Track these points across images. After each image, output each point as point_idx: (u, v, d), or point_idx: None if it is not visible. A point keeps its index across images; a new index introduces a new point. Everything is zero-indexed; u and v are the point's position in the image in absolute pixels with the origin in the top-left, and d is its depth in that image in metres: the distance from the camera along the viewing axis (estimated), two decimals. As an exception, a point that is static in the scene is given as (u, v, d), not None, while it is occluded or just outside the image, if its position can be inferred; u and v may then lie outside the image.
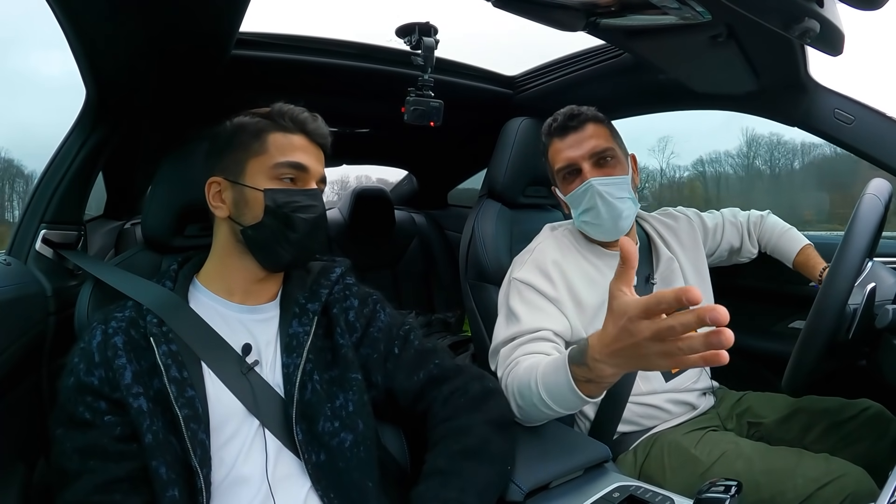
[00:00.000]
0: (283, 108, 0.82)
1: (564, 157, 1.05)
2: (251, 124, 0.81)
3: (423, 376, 0.84)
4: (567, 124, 1.05)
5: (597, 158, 1.03)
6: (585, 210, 1.04)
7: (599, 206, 1.01)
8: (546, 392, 0.78)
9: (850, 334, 0.83)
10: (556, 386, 0.75)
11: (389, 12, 1.23)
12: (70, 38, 0.84)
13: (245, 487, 0.71)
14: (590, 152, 1.03)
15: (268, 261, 0.81)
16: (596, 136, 1.04)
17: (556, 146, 1.07)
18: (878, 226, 0.87)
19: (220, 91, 1.14)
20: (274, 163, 0.79)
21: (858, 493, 0.79)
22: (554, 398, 0.77)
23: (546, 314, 0.98)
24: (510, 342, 0.96)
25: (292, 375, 0.76)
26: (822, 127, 1.18)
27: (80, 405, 0.69)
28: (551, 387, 0.76)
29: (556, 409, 0.78)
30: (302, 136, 0.81)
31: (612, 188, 1.01)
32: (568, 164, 1.05)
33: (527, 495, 0.75)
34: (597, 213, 1.02)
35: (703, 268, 1.18)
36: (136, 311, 0.77)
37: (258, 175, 0.79)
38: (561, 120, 1.07)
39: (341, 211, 2.20)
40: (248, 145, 0.80)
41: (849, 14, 0.73)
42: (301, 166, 0.79)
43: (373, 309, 0.89)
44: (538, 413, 0.82)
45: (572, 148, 1.04)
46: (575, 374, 0.72)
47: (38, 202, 1.00)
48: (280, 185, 0.78)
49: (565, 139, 1.06)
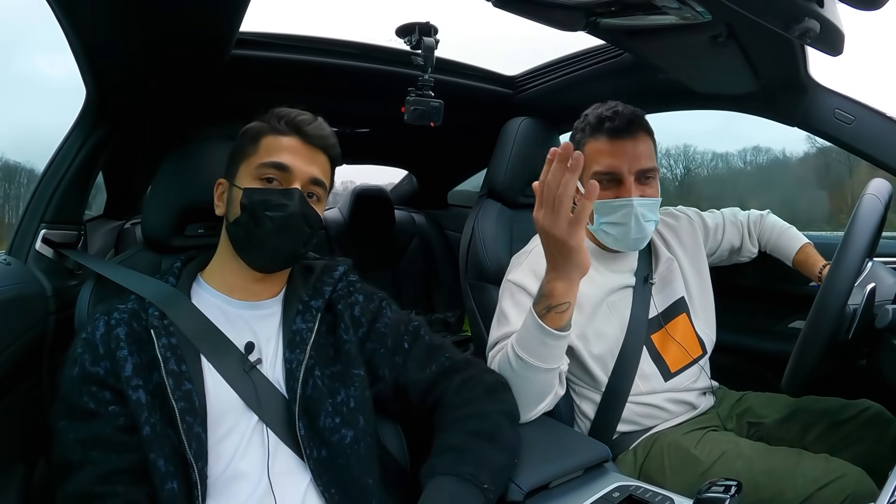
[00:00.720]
0: (282, 111, 0.82)
1: (609, 163, 0.99)
2: (252, 128, 0.83)
3: (436, 368, 0.84)
4: (625, 128, 0.98)
5: (642, 177, 0.99)
6: (614, 224, 1.01)
7: (631, 226, 0.99)
8: (519, 345, 0.83)
9: (850, 334, 0.83)
10: (525, 332, 0.82)
11: (390, 12, 1.23)
12: (70, 38, 0.84)
13: (243, 483, 0.71)
14: (638, 167, 0.98)
15: (246, 258, 0.81)
16: (646, 152, 1.00)
17: (602, 146, 1.00)
18: (878, 226, 0.87)
19: (220, 91, 1.14)
20: (258, 163, 0.79)
21: (858, 494, 0.79)
22: (525, 347, 0.82)
23: None
24: (497, 343, 0.96)
25: (295, 371, 0.76)
26: (822, 127, 1.18)
27: (84, 395, 0.69)
28: (522, 338, 0.83)
29: (530, 360, 0.82)
30: (295, 137, 0.81)
31: (647, 210, 0.99)
32: (610, 172, 0.99)
33: (527, 495, 0.75)
34: (625, 231, 1.00)
35: (703, 268, 1.18)
36: (138, 304, 0.77)
37: (245, 175, 0.80)
38: (619, 122, 0.99)
39: (341, 211, 2.20)
40: (245, 148, 0.82)
41: (849, 14, 0.74)
42: (282, 166, 0.79)
43: (378, 305, 0.89)
44: (518, 380, 0.85)
45: (622, 157, 0.98)
46: (537, 311, 0.80)
47: (38, 202, 1.00)
48: (259, 185, 0.79)
49: (615, 143, 0.98)
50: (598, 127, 1.01)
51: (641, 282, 1.09)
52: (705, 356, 1.12)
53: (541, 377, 0.83)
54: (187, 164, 0.93)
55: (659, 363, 1.06)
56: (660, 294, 1.11)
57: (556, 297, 0.78)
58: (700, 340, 1.11)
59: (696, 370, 1.09)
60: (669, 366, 1.06)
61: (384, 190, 2.25)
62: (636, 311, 1.06)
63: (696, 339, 1.11)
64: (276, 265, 0.83)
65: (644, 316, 1.07)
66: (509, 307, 0.99)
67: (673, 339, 1.08)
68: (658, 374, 1.05)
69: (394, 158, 2.32)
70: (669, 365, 1.06)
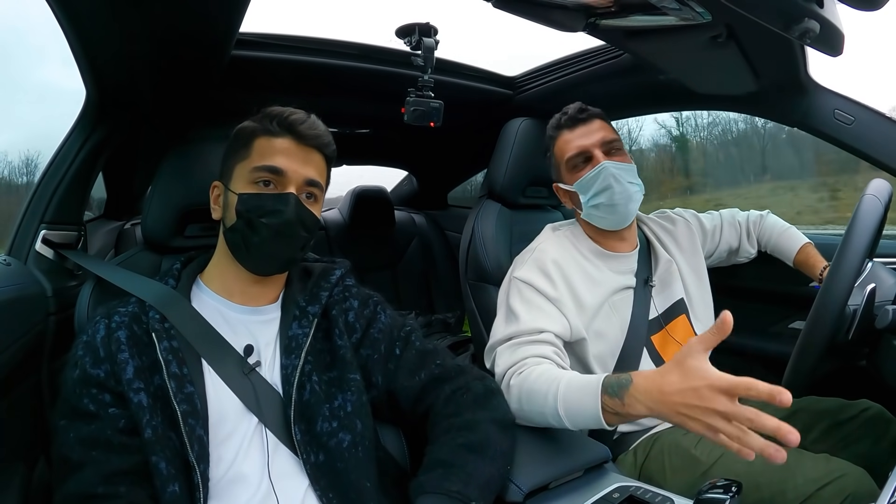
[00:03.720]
0: (273, 111, 0.81)
1: (576, 145, 1.08)
2: (244, 129, 0.82)
3: (425, 376, 0.84)
4: (577, 116, 1.10)
5: (607, 147, 1.07)
6: (598, 192, 1.05)
7: (614, 186, 1.04)
8: (565, 409, 0.79)
9: (850, 335, 0.83)
10: (580, 408, 0.77)
11: (389, 13, 1.23)
12: (70, 38, 0.84)
13: (244, 485, 0.71)
14: (601, 140, 1.07)
15: (244, 263, 0.81)
16: (604, 129, 1.09)
17: (566, 137, 1.10)
18: (878, 226, 0.87)
19: (220, 91, 1.14)
20: (252, 167, 0.78)
21: (858, 494, 0.79)
22: (571, 417, 0.79)
23: (546, 314, 0.98)
24: (508, 341, 0.96)
25: (290, 376, 0.77)
26: (822, 127, 1.18)
27: (84, 397, 0.69)
28: (573, 406, 0.78)
29: (567, 424, 0.80)
30: (289, 138, 0.80)
31: (623, 172, 1.05)
32: (580, 152, 1.07)
33: (526, 495, 0.75)
34: (611, 194, 1.04)
35: (701, 270, 1.18)
36: (139, 306, 0.77)
37: (239, 179, 0.79)
38: (571, 112, 1.11)
39: (341, 211, 2.20)
40: (238, 150, 0.81)
41: (849, 14, 0.74)
42: (276, 170, 0.77)
43: (373, 310, 0.89)
44: (541, 419, 0.83)
45: (583, 137, 1.08)
46: (604, 403, 0.74)
47: (38, 202, 1.00)
48: (254, 190, 0.78)
49: (575, 130, 1.09)
50: (557, 125, 1.13)
51: (642, 283, 1.09)
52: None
53: (567, 428, 0.82)
54: (187, 165, 0.93)
55: (659, 364, 1.06)
56: (659, 296, 1.11)
57: (631, 416, 0.74)
58: (700, 341, 1.11)
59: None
60: (670, 366, 1.06)
61: (384, 190, 2.26)
62: (637, 312, 1.06)
63: None
64: (273, 269, 0.83)
65: (645, 317, 1.07)
66: (518, 305, 1.00)
67: (674, 339, 1.08)
68: (658, 374, 1.05)
69: (394, 159, 2.32)
70: (670, 366, 1.06)
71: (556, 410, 0.79)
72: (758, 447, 0.59)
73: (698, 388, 0.64)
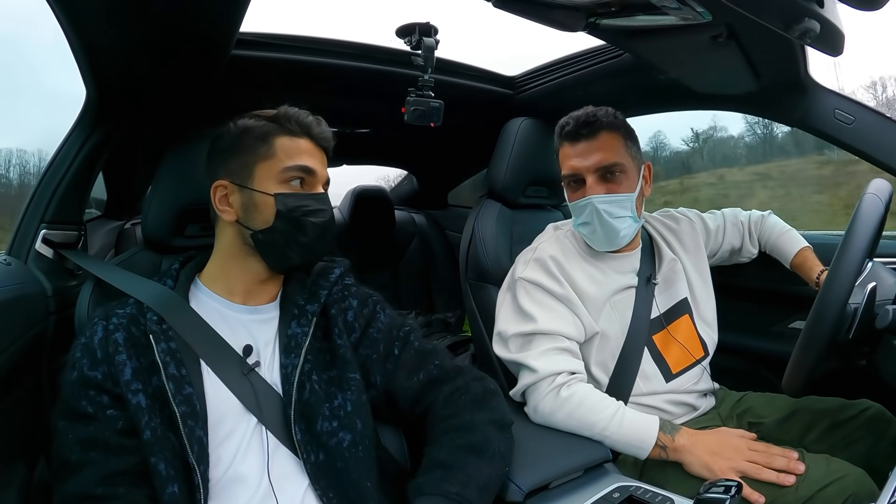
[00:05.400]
0: (290, 111, 0.82)
1: (570, 165, 1.04)
2: (257, 127, 0.81)
3: (424, 377, 0.84)
4: (579, 131, 1.02)
5: (602, 172, 1.01)
6: (583, 223, 1.05)
7: (596, 224, 1.02)
8: (617, 435, 0.89)
9: (850, 334, 0.83)
10: (634, 439, 0.89)
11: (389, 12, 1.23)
12: (70, 38, 0.84)
13: (244, 485, 0.71)
14: (595, 165, 1.01)
15: (277, 263, 0.82)
16: (606, 148, 1.01)
17: (566, 151, 1.05)
18: (879, 226, 0.86)
19: (220, 91, 1.14)
20: (283, 167, 0.79)
21: (859, 495, 0.79)
22: (618, 443, 0.90)
23: (559, 316, 0.99)
24: (526, 336, 0.98)
25: (290, 376, 0.76)
26: (821, 127, 1.17)
27: (82, 399, 0.69)
28: (628, 436, 0.89)
29: (605, 444, 0.90)
30: (307, 139, 0.82)
31: (611, 206, 1.01)
32: (573, 174, 1.04)
33: (526, 495, 0.75)
34: (593, 230, 1.03)
35: (704, 270, 1.18)
36: (137, 308, 0.77)
37: (267, 179, 0.79)
38: (573, 125, 1.03)
39: (341, 211, 2.20)
40: (255, 149, 0.80)
41: (849, 14, 0.74)
42: (309, 170, 0.81)
43: (372, 310, 0.89)
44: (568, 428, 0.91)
45: (580, 157, 1.02)
46: (658, 439, 0.88)
47: (38, 202, 1.00)
48: (289, 190, 0.79)
49: (575, 146, 1.03)
50: (560, 135, 1.07)
51: (644, 282, 1.09)
52: (707, 357, 1.12)
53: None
54: (187, 164, 0.93)
55: (660, 364, 1.06)
56: (662, 295, 1.11)
57: (675, 450, 0.89)
58: (702, 342, 1.11)
59: (697, 371, 1.09)
60: (671, 366, 1.06)
61: (384, 190, 2.26)
62: (638, 312, 1.06)
63: (699, 340, 1.11)
64: (305, 266, 0.86)
65: (646, 316, 1.07)
66: (529, 305, 1.01)
67: (675, 339, 1.08)
68: (659, 374, 1.05)
69: (394, 158, 2.32)
70: (671, 366, 1.06)
71: (602, 433, 0.89)
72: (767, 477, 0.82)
73: (732, 438, 0.90)
